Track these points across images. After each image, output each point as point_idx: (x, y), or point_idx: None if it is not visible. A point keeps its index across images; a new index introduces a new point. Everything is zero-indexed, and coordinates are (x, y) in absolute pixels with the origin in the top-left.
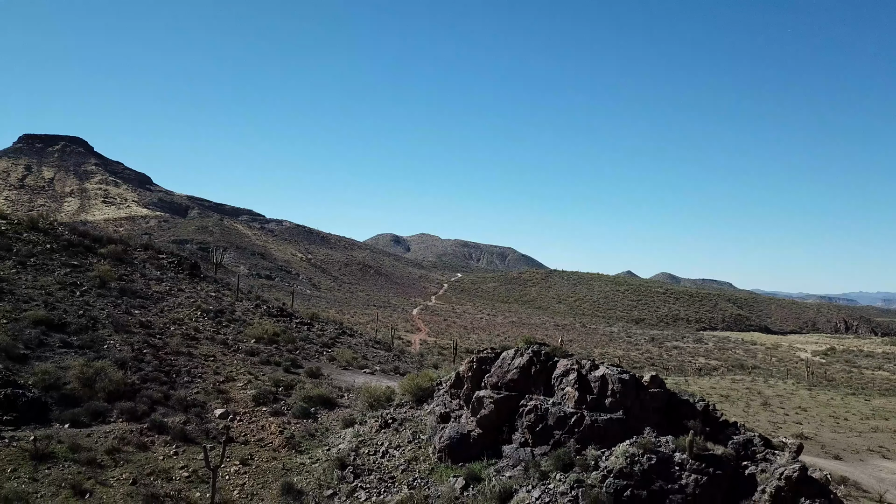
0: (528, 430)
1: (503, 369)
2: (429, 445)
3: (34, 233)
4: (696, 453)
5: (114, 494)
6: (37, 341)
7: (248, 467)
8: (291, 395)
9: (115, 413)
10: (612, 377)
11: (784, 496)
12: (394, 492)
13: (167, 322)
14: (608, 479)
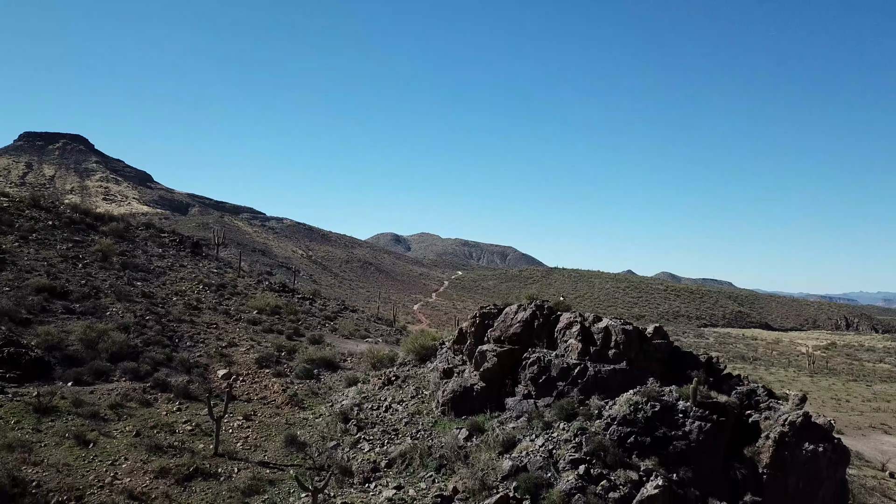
0: (532, 382)
1: (506, 324)
2: (432, 400)
3: (36, 210)
4: (700, 401)
5: (117, 445)
6: (39, 307)
7: (251, 422)
8: (294, 359)
9: (118, 373)
10: (616, 328)
11: (788, 441)
12: (397, 443)
13: (169, 293)
14: (612, 426)
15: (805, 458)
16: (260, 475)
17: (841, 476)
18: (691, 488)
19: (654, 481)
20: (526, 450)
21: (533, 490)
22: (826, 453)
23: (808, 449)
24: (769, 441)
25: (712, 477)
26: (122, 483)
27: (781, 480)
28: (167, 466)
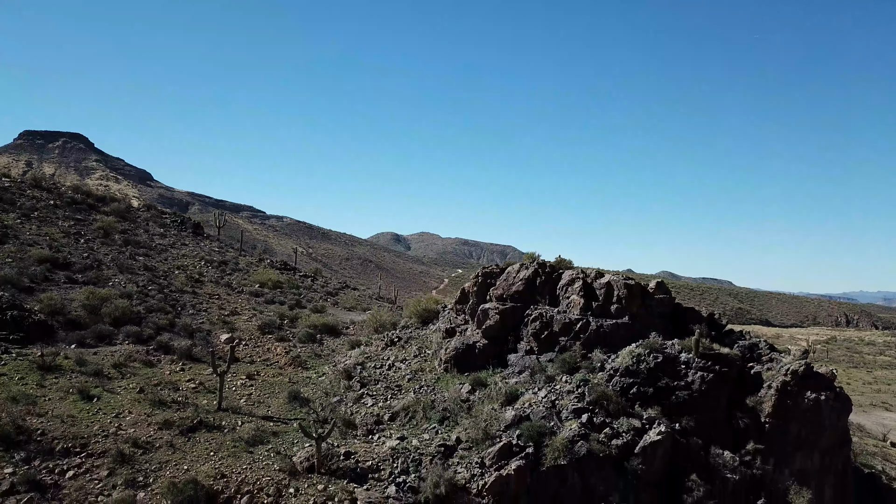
0: (534, 338)
1: (508, 282)
2: (434, 359)
3: (37, 190)
4: (702, 353)
5: (121, 400)
6: (42, 276)
7: (254, 381)
8: (297, 326)
9: (122, 336)
10: (618, 283)
11: (790, 390)
12: (400, 397)
13: (171, 267)
14: (615, 377)
15: (807, 406)
16: (263, 428)
17: (843, 424)
18: (694, 437)
19: (657, 428)
20: (529, 401)
21: (536, 438)
22: (828, 401)
23: (811, 397)
24: (771, 390)
25: (715, 426)
26: (127, 433)
27: (783, 429)
28: (171, 419)
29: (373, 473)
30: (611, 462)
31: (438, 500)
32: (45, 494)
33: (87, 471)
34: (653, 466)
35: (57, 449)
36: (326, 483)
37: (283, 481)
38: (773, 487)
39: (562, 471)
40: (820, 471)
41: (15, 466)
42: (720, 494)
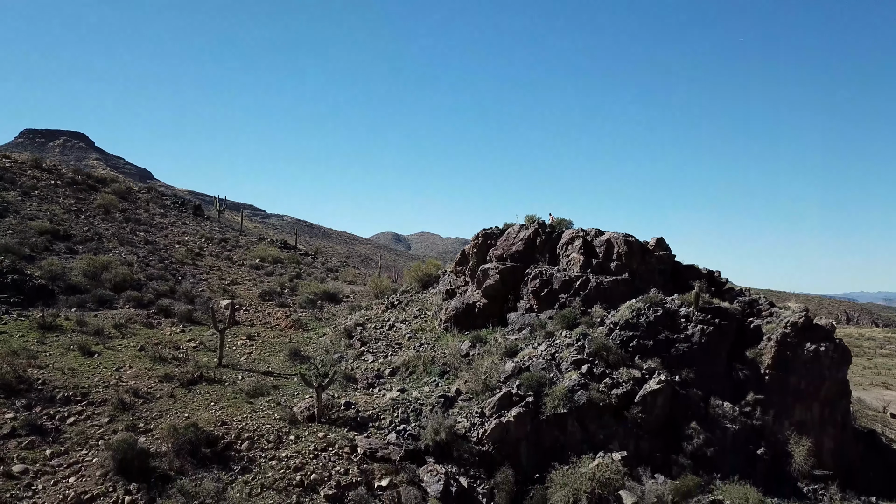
0: (533, 296)
1: (508, 242)
2: (434, 319)
3: (38, 171)
4: (702, 307)
5: (121, 356)
6: (42, 247)
7: (254, 341)
8: (297, 294)
9: (122, 301)
10: (618, 240)
11: (790, 342)
12: (400, 354)
13: (171, 242)
14: (615, 331)
15: (807, 357)
16: (264, 382)
17: (842, 376)
18: (693, 388)
19: (657, 377)
20: (528, 355)
21: (536, 387)
22: (828, 352)
23: (810, 349)
24: (771, 342)
25: (714, 378)
26: (127, 384)
27: (783, 380)
28: (171, 373)
29: (373, 422)
30: (611, 411)
31: (438, 447)
32: (47, 438)
33: (87, 417)
34: (652, 415)
35: (58, 397)
36: (327, 431)
37: (283, 429)
38: (773, 438)
39: (562, 419)
40: (819, 422)
41: (16, 412)
42: (720, 443)
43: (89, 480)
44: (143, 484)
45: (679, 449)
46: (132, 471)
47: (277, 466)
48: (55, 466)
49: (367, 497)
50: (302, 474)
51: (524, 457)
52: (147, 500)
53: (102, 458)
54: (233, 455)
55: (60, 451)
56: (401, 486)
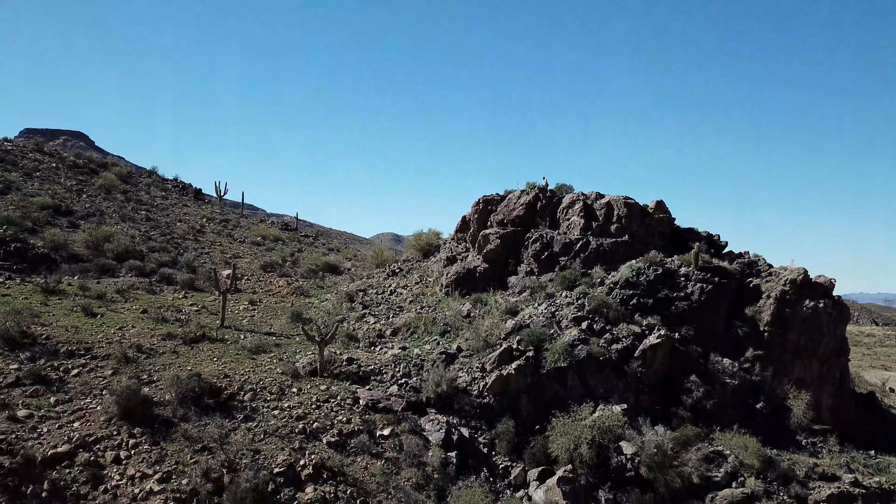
0: (534, 259)
1: (509, 208)
2: (436, 285)
3: (39, 154)
4: (702, 266)
5: (124, 317)
6: (44, 220)
7: (256, 306)
8: (299, 266)
9: (124, 270)
10: (618, 203)
11: (789, 299)
12: (402, 316)
13: (173, 220)
14: (615, 290)
15: (806, 314)
16: (266, 340)
17: (841, 332)
18: (693, 345)
19: (657, 332)
20: (529, 314)
21: (536, 342)
22: (826, 309)
23: (809, 306)
24: (770, 300)
25: (714, 335)
26: (130, 341)
27: (782, 337)
28: (174, 332)
29: (375, 376)
30: (611, 365)
31: (440, 399)
32: (51, 387)
33: (91, 370)
34: (652, 369)
35: (61, 351)
36: (329, 384)
37: (285, 382)
38: (772, 394)
39: (562, 373)
40: (818, 379)
41: (20, 364)
42: (719, 397)
43: (94, 425)
44: (147, 429)
45: (679, 402)
46: (136, 416)
47: (280, 416)
48: (59, 413)
49: (370, 444)
50: (304, 423)
51: (525, 410)
52: (151, 444)
53: (106, 405)
54: (235, 405)
55: (65, 399)
56: (402, 435)
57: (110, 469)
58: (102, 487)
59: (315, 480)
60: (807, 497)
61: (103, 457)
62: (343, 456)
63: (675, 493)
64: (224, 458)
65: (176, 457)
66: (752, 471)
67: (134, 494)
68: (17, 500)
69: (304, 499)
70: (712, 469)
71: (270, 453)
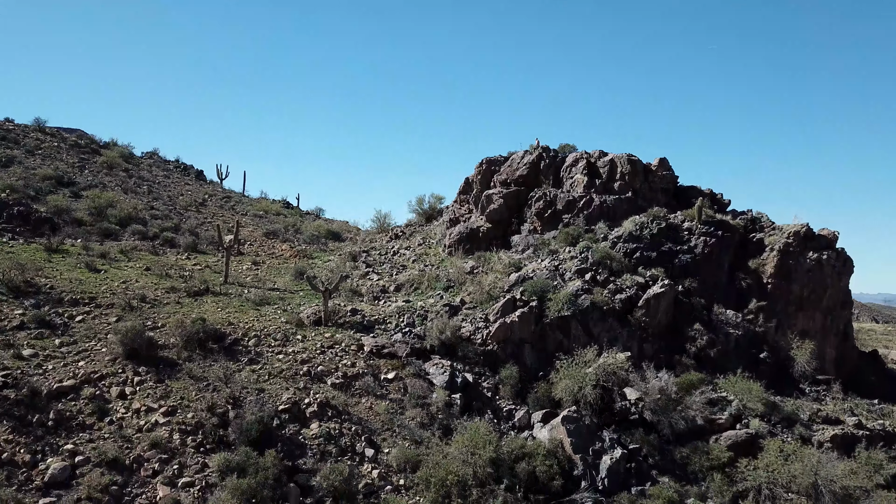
0: (537, 217)
1: (512, 168)
2: (438, 246)
3: (41, 134)
4: (705, 220)
5: (127, 273)
6: (47, 190)
7: (259, 266)
8: (301, 233)
9: (127, 234)
10: (622, 160)
11: (792, 251)
12: (405, 273)
13: (175, 194)
14: (618, 244)
15: (809, 266)
16: (270, 295)
17: (845, 285)
18: (696, 297)
19: (660, 282)
20: (532, 268)
21: (539, 292)
22: (830, 261)
23: (812, 257)
24: (773, 252)
25: (717, 288)
26: (135, 292)
27: (786, 289)
28: (177, 286)
29: (379, 325)
30: (614, 315)
31: (444, 346)
32: (56, 331)
33: (95, 317)
34: (656, 319)
35: (66, 299)
36: (333, 332)
37: (290, 330)
38: (776, 345)
39: (565, 322)
40: (822, 331)
41: (25, 309)
42: (723, 346)
43: (99, 364)
44: (152, 368)
45: (683, 350)
46: (140, 357)
47: (284, 359)
48: (64, 353)
49: (374, 386)
50: (309, 366)
51: (528, 358)
52: (156, 381)
53: (111, 346)
54: (240, 349)
55: (69, 341)
56: (407, 379)
57: (115, 403)
58: (108, 419)
59: (320, 418)
60: (811, 438)
61: (108, 392)
62: (348, 396)
63: (678, 435)
64: (229, 394)
65: (181, 393)
66: (755, 414)
67: (139, 426)
68: (23, 428)
69: (310, 434)
70: (716, 412)
71: (275, 392)
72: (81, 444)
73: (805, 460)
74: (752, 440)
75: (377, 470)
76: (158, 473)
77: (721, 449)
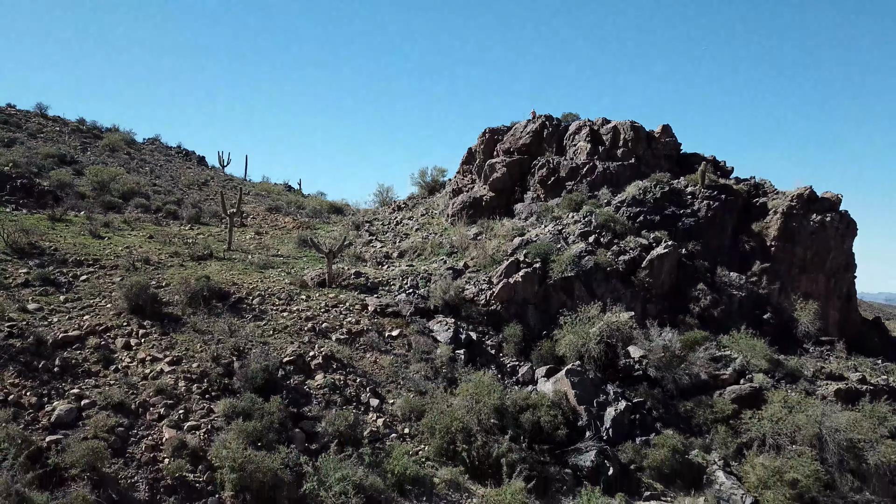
0: (540, 185)
1: (515, 137)
2: (442, 216)
3: (42, 118)
4: (708, 184)
5: (131, 239)
6: (49, 167)
7: (262, 236)
8: (304, 209)
9: (130, 207)
10: (625, 126)
11: (795, 213)
12: (408, 240)
13: (176, 175)
14: (622, 208)
15: (813, 228)
16: (274, 259)
17: (848, 247)
18: (700, 260)
19: (664, 243)
20: (536, 233)
21: (543, 254)
22: (833, 223)
23: (816, 220)
24: (777, 215)
25: (720, 251)
26: (138, 255)
27: (789, 251)
28: (181, 251)
29: (383, 287)
30: (618, 276)
31: (447, 306)
32: (60, 289)
33: (99, 277)
34: (659, 279)
35: (70, 260)
36: (337, 293)
37: (294, 291)
38: (779, 307)
39: (569, 283)
40: (825, 293)
41: (29, 269)
42: (727, 306)
43: (104, 317)
44: (157, 322)
45: (686, 311)
46: (145, 312)
47: (289, 317)
48: (69, 308)
49: (379, 342)
50: (314, 322)
51: (531, 319)
52: (160, 334)
53: (116, 302)
54: (244, 307)
55: (74, 297)
56: (411, 336)
57: (121, 353)
58: (113, 367)
59: (325, 369)
60: (814, 392)
61: (114, 343)
62: (352, 350)
63: (682, 390)
64: (233, 345)
65: (186, 345)
66: (759, 369)
67: (145, 374)
68: (29, 373)
69: (314, 385)
70: (720, 368)
71: (279, 346)
72: (87, 389)
73: (809, 411)
74: (756, 393)
75: (382, 419)
76: (164, 417)
77: (725, 402)
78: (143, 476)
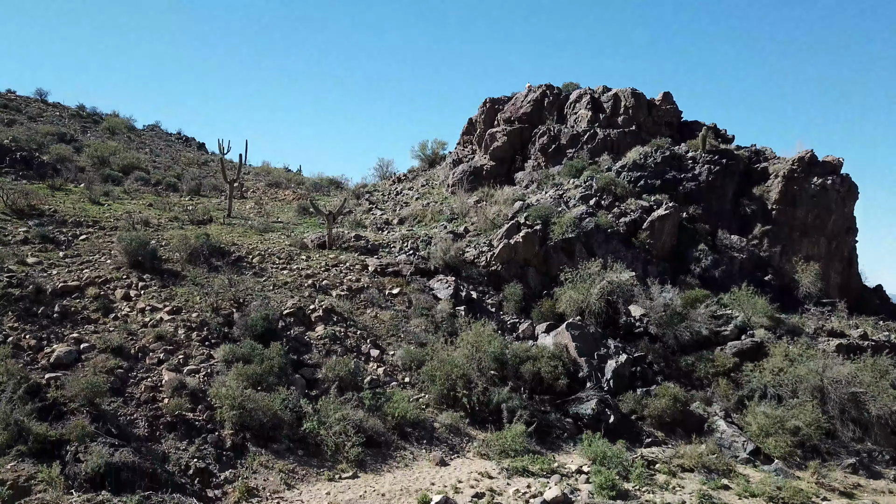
0: (541, 153)
1: (516, 106)
2: (442, 186)
3: (42, 104)
4: (709, 149)
5: (131, 206)
6: (49, 143)
7: (261, 206)
8: (304, 184)
9: (129, 180)
10: (626, 94)
11: (797, 176)
12: (408, 209)
13: (177, 156)
14: (623, 172)
15: (814, 191)
16: (274, 224)
17: (849, 210)
18: (700, 223)
19: (665, 205)
20: (536, 199)
21: (544, 217)
22: (834, 186)
23: (817, 183)
24: (778, 178)
25: (721, 215)
26: (137, 218)
27: (790, 214)
28: (180, 217)
29: (383, 248)
30: (618, 237)
31: (448, 267)
32: (60, 246)
33: (99, 237)
34: (661, 240)
35: (69, 221)
36: (338, 254)
37: (294, 251)
38: (781, 269)
39: (569, 244)
40: (826, 256)
41: (28, 228)
42: (727, 266)
43: (103, 271)
44: (156, 276)
45: (687, 271)
46: (144, 267)
47: (289, 274)
48: (69, 263)
49: (379, 299)
50: (314, 279)
51: (532, 280)
52: (160, 286)
53: (115, 257)
54: (244, 265)
55: (73, 254)
56: (412, 294)
57: (120, 303)
58: (112, 315)
59: (325, 321)
60: (815, 347)
61: (113, 293)
62: (353, 306)
63: (683, 346)
64: (233, 296)
65: (185, 296)
66: (761, 326)
67: (144, 322)
68: (28, 318)
69: (315, 335)
70: (721, 325)
71: (280, 300)
72: (87, 335)
73: (811, 363)
74: (757, 347)
75: (382, 368)
76: (163, 362)
77: (726, 356)
78: (142, 413)
